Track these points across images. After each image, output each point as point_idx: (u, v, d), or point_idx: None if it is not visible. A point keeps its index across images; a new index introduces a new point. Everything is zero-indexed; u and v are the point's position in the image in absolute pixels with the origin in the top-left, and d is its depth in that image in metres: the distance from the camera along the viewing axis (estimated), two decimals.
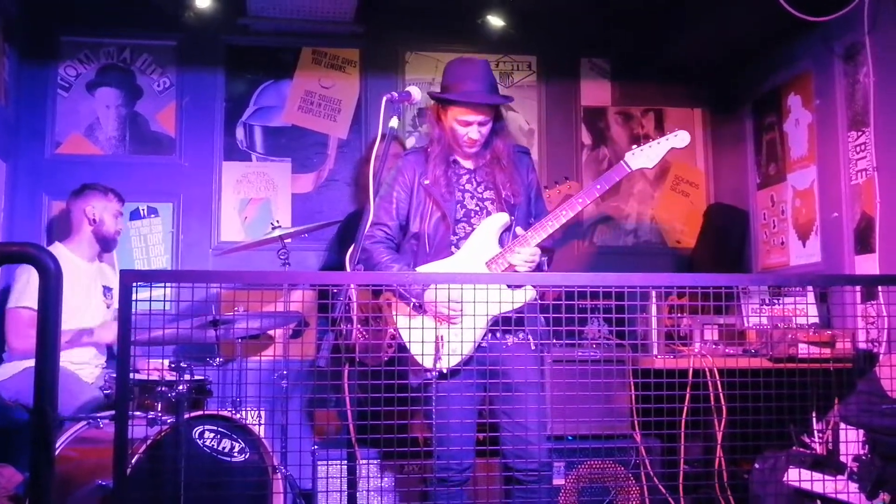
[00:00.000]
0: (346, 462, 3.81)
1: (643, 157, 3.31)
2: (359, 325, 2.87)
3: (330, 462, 3.83)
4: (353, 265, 2.70)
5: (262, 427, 4.37)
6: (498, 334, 3.22)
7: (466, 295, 2.80)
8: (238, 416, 3.68)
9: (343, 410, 3.49)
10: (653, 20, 5.12)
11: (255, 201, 5.17)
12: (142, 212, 5.03)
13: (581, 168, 5.43)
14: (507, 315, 3.11)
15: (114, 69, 5.11)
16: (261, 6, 5.01)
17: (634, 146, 3.35)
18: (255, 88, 5.23)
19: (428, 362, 3.04)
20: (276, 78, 5.25)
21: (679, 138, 3.33)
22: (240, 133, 5.20)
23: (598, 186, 3.26)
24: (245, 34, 5.18)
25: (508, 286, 3.08)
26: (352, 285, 2.61)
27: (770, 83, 4.95)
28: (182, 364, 3.37)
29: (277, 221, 4.31)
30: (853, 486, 3.23)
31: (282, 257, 4.20)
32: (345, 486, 3.80)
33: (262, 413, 4.56)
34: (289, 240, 4.27)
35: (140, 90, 5.13)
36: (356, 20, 5.16)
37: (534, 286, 3.17)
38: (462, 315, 3.01)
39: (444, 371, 3.06)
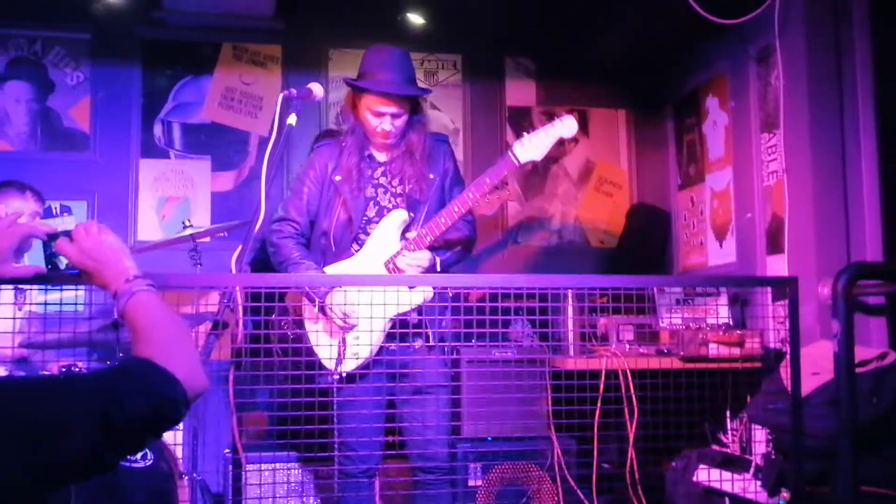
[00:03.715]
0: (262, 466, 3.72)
1: (531, 147, 3.16)
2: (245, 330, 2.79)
3: (247, 466, 3.74)
4: (239, 266, 2.63)
5: (178, 432, 4.26)
6: (403, 337, 3.17)
7: (364, 297, 2.74)
8: None
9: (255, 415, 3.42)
10: (576, 21, 5.12)
11: (173, 200, 5.05)
12: (54, 210, 4.86)
13: None
14: (407, 317, 3.06)
15: (24, 62, 4.95)
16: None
17: (524, 133, 3.21)
18: (174, 84, 5.10)
19: (330, 366, 2.99)
20: (196, 73, 5.12)
21: (566, 126, 3.19)
22: (158, 130, 5.07)
23: (488, 180, 3.13)
24: (162, 28, 5.04)
25: (409, 287, 3.04)
26: (237, 287, 2.54)
27: (690, 85, 4.98)
28: (79, 365, 3.27)
29: (189, 220, 4.18)
30: (758, 484, 3.25)
31: (193, 258, 4.09)
32: (254, 492, 3.73)
33: None
34: (206, 238, 4.16)
35: (52, 84, 4.97)
36: (276, 16, 5.05)
37: (444, 287, 3.12)
38: (359, 319, 2.96)
39: (344, 375, 3.00)
